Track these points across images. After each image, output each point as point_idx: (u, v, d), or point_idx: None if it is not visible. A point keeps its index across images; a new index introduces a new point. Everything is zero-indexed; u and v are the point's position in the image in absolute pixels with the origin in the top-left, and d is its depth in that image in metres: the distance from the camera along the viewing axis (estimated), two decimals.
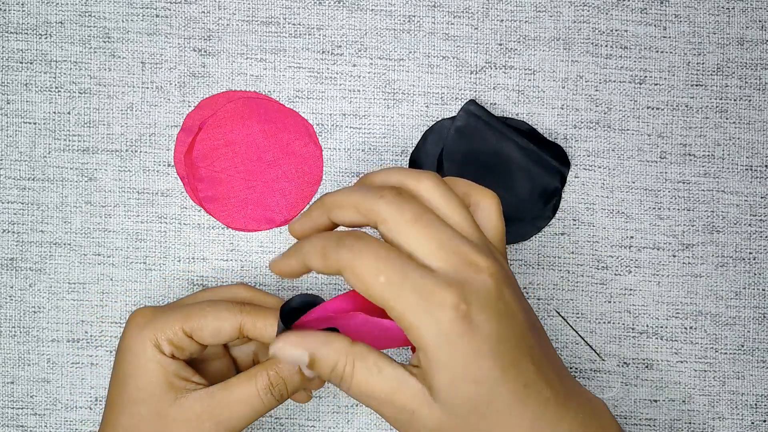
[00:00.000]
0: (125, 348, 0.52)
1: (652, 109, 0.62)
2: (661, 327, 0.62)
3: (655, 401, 0.62)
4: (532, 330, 0.45)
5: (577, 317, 0.62)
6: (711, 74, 0.62)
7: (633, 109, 0.62)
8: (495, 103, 0.62)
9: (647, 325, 0.62)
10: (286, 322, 0.47)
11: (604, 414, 0.46)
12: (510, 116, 0.62)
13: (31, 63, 0.62)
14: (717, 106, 0.62)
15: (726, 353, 0.62)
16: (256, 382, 0.51)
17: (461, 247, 0.44)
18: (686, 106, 0.62)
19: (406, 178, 0.46)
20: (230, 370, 0.57)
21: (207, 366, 0.56)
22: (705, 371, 0.62)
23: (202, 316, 0.52)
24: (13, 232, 0.61)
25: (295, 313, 0.47)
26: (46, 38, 0.62)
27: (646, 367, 0.62)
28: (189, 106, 0.62)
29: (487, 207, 0.48)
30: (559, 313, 0.62)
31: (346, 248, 0.43)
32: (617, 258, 0.62)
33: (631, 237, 0.62)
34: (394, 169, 0.47)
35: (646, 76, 0.62)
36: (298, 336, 0.45)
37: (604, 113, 0.62)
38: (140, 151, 0.62)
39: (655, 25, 0.62)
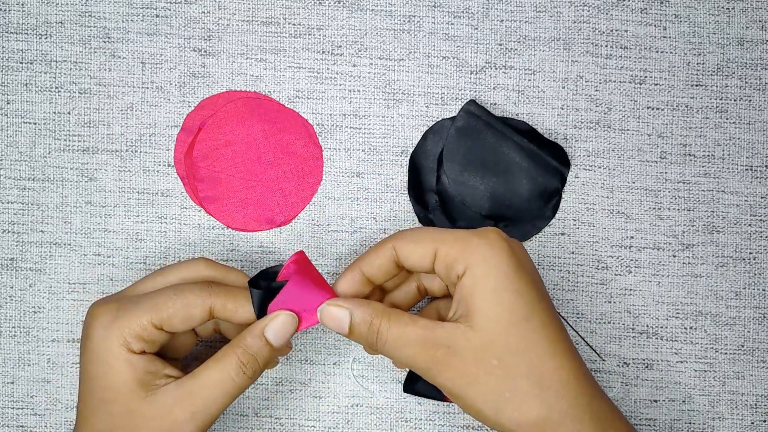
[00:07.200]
0: (91, 348, 0.51)
1: (652, 109, 0.62)
2: (661, 327, 0.62)
3: (655, 401, 0.62)
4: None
5: (577, 317, 0.62)
6: (711, 74, 0.62)
7: (633, 109, 0.62)
8: (495, 103, 0.62)
9: (647, 325, 0.62)
10: (257, 289, 0.52)
11: None
12: (510, 116, 0.62)
13: (31, 63, 0.62)
14: (717, 106, 0.62)
15: (726, 353, 0.62)
16: (226, 365, 0.50)
17: None
18: (686, 106, 0.62)
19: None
20: (193, 341, 0.56)
21: (170, 343, 0.55)
22: (705, 371, 0.62)
23: (170, 305, 0.51)
24: (13, 232, 0.61)
25: (265, 278, 0.52)
26: (46, 38, 0.62)
27: (646, 367, 0.62)
28: (189, 106, 0.62)
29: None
30: (559, 313, 0.62)
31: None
32: (617, 258, 0.62)
33: (631, 237, 0.62)
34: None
35: (646, 76, 0.62)
36: (339, 299, 0.51)
37: (604, 113, 0.62)
38: (140, 151, 0.62)
39: (655, 25, 0.62)
